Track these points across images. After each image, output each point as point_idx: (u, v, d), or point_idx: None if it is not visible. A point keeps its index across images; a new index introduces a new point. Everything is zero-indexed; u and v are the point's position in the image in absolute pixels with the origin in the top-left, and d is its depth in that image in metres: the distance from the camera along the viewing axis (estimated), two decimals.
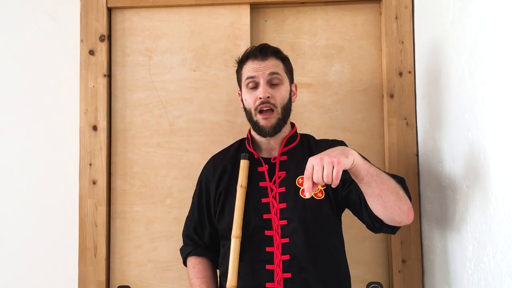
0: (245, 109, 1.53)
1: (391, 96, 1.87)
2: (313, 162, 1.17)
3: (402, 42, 1.88)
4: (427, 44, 1.75)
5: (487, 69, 1.27)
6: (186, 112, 1.91)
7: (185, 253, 1.60)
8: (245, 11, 1.92)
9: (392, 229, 1.39)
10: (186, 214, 1.84)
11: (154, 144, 1.91)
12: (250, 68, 1.49)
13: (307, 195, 1.18)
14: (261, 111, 1.46)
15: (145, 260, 1.88)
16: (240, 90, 1.57)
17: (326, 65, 1.94)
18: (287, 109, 1.51)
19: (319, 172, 1.15)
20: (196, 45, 1.93)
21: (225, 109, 1.91)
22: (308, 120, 1.91)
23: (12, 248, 1.90)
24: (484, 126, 1.29)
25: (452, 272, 1.54)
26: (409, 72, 1.87)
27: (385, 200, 1.28)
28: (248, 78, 1.49)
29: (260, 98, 1.45)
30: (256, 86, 1.48)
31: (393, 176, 1.37)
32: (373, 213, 1.35)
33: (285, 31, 1.96)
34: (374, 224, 1.38)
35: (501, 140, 1.20)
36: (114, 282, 1.88)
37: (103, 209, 1.86)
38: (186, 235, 1.64)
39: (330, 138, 1.63)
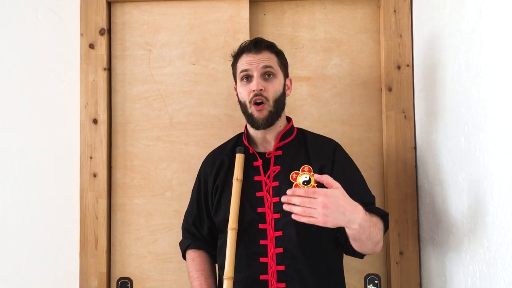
0: (239, 102, 1.55)
1: (389, 89, 1.88)
2: (318, 200, 1.19)
3: (401, 36, 1.88)
4: (425, 37, 1.76)
5: (483, 63, 1.28)
6: (185, 106, 1.92)
7: (184, 247, 1.62)
8: (244, 4, 1.92)
9: (361, 256, 1.46)
10: (186, 206, 1.86)
11: (154, 137, 1.92)
12: (244, 61, 1.50)
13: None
14: (256, 103, 1.47)
15: (145, 252, 1.90)
16: (236, 84, 1.58)
17: (325, 58, 1.95)
18: (279, 102, 1.51)
19: (312, 210, 1.19)
20: (195, 38, 1.94)
21: (224, 102, 1.92)
22: (307, 113, 1.93)
23: (14, 240, 1.92)
24: (480, 120, 1.30)
25: (448, 263, 1.55)
26: (407, 65, 1.87)
27: (363, 248, 1.37)
28: (242, 71, 1.50)
29: (254, 90, 1.46)
30: (250, 79, 1.49)
31: (379, 212, 1.43)
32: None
33: (284, 24, 1.97)
34: (348, 248, 1.42)
35: (496, 133, 1.21)
36: (115, 274, 1.90)
37: (103, 202, 1.87)
38: (185, 228, 1.66)
39: (327, 134, 1.66)
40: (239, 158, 1.49)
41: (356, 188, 1.48)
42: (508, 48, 1.15)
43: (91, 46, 1.91)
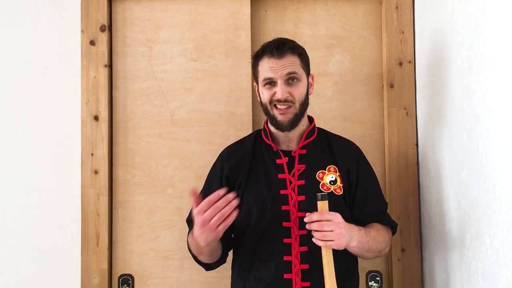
0: (261, 102, 1.52)
1: (391, 86, 1.87)
2: (337, 227, 1.29)
3: (403, 32, 1.88)
4: (427, 34, 1.75)
5: (486, 60, 1.27)
6: (187, 103, 1.92)
7: (188, 234, 1.52)
8: (246, 1, 1.91)
9: None
10: (187, 203, 1.86)
11: (155, 134, 1.92)
12: (267, 67, 1.45)
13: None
14: (276, 106, 1.45)
15: (147, 249, 1.90)
16: (257, 83, 1.54)
17: (327, 55, 1.94)
18: (304, 104, 1.50)
19: (328, 233, 1.28)
20: (196, 35, 1.93)
21: (226, 99, 1.91)
22: (309, 110, 1.88)
23: (15, 238, 1.91)
24: (482, 116, 1.29)
25: (450, 260, 1.55)
26: (409, 62, 1.87)
27: (364, 257, 1.47)
28: (265, 78, 1.45)
29: (278, 97, 1.43)
30: (273, 84, 1.45)
31: (387, 223, 1.52)
32: None
33: (286, 21, 1.96)
34: None
35: (498, 130, 1.20)
36: (116, 271, 1.90)
37: (105, 199, 1.87)
38: (188, 219, 1.58)
39: (332, 130, 1.66)
40: (323, 205, 1.33)
41: (373, 196, 1.54)
42: (510, 44, 1.14)
43: (92, 42, 1.90)
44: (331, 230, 1.28)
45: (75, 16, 1.93)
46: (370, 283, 1.87)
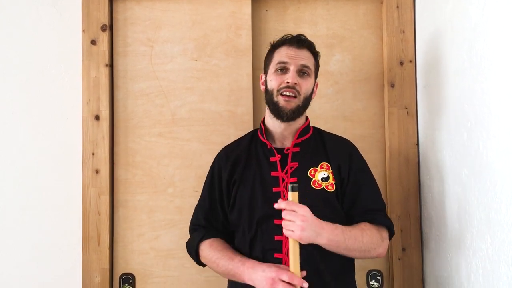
0: (266, 90, 1.54)
1: (392, 85, 1.87)
2: (296, 223, 1.30)
3: (403, 32, 1.88)
4: (428, 33, 1.75)
5: (487, 59, 1.27)
6: (187, 102, 1.92)
7: (197, 240, 1.54)
8: (246, 0, 1.91)
9: None
10: (188, 203, 1.87)
11: (156, 133, 1.92)
12: (284, 54, 1.50)
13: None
14: (282, 94, 1.47)
15: (148, 248, 1.90)
16: (265, 73, 1.57)
17: (327, 54, 1.94)
18: (307, 100, 1.52)
19: (290, 223, 1.31)
20: (197, 34, 1.93)
21: (226, 99, 1.91)
22: (309, 109, 1.89)
23: (17, 238, 1.92)
24: (483, 116, 1.30)
25: (450, 260, 1.55)
26: (410, 61, 1.87)
27: (349, 256, 1.44)
28: (280, 62, 1.49)
29: (288, 82, 1.46)
30: (285, 71, 1.49)
31: (379, 222, 1.48)
32: None
33: (286, 20, 1.96)
34: None
35: (499, 129, 1.21)
36: (117, 270, 1.90)
37: (106, 198, 1.87)
38: (195, 224, 1.61)
39: (329, 130, 1.66)
40: (293, 196, 1.35)
41: (365, 194, 1.52)
42: (511, 44, 1.14)
43: (93, 42, 1.90)
44: (293, 221, 1.30)
45: (75, 15, 1.93)
46: (370, 282, 1.87)
